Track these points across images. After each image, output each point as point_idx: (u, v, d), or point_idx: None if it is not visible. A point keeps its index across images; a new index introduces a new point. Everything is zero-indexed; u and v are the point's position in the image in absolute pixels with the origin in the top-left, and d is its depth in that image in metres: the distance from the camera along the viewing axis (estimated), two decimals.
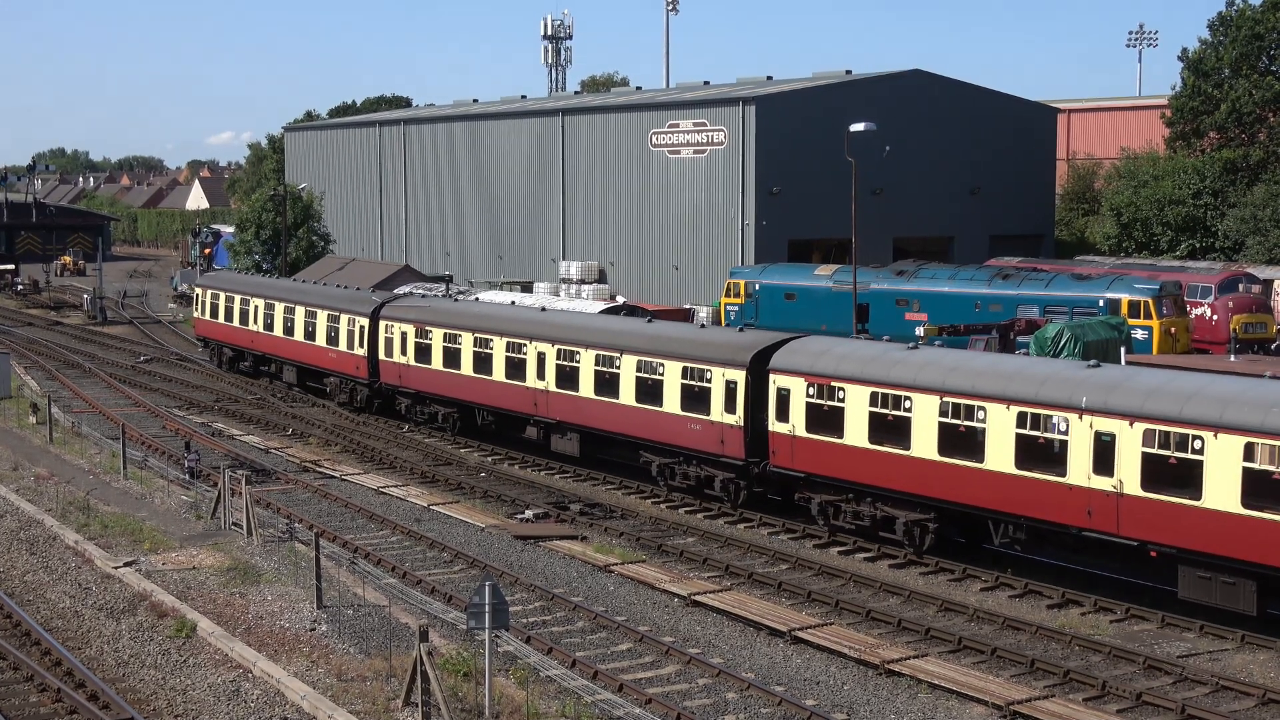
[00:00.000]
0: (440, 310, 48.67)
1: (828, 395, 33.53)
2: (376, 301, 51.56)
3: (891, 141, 68.12)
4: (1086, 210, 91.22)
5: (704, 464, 37.44)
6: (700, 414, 36.77)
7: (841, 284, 57.87)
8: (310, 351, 55.37)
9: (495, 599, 21.91)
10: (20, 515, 35.79)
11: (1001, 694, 23.69)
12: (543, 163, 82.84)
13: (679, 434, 37.55)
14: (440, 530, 35.43)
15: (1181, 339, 51.08)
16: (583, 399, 40.68)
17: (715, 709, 23.42)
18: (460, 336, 45.90)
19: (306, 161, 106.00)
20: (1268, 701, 23.77)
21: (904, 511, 32.39)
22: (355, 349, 51.42)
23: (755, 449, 35.74)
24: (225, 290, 63.59)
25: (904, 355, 33.09)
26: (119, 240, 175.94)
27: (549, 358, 41.91)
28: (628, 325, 41.75)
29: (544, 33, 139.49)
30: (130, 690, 23.94)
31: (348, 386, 53.12)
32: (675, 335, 39.37)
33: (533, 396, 42.62)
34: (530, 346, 42.65)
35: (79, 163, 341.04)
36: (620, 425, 39.63)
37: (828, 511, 34.26)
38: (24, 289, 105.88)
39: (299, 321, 55.97)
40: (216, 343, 64.96)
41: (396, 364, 49.20)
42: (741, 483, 36.70)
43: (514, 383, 43.41)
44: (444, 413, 47.89)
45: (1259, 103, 74.17)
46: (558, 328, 42.77)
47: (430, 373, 47.47)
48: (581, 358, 40.72)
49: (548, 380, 41.94)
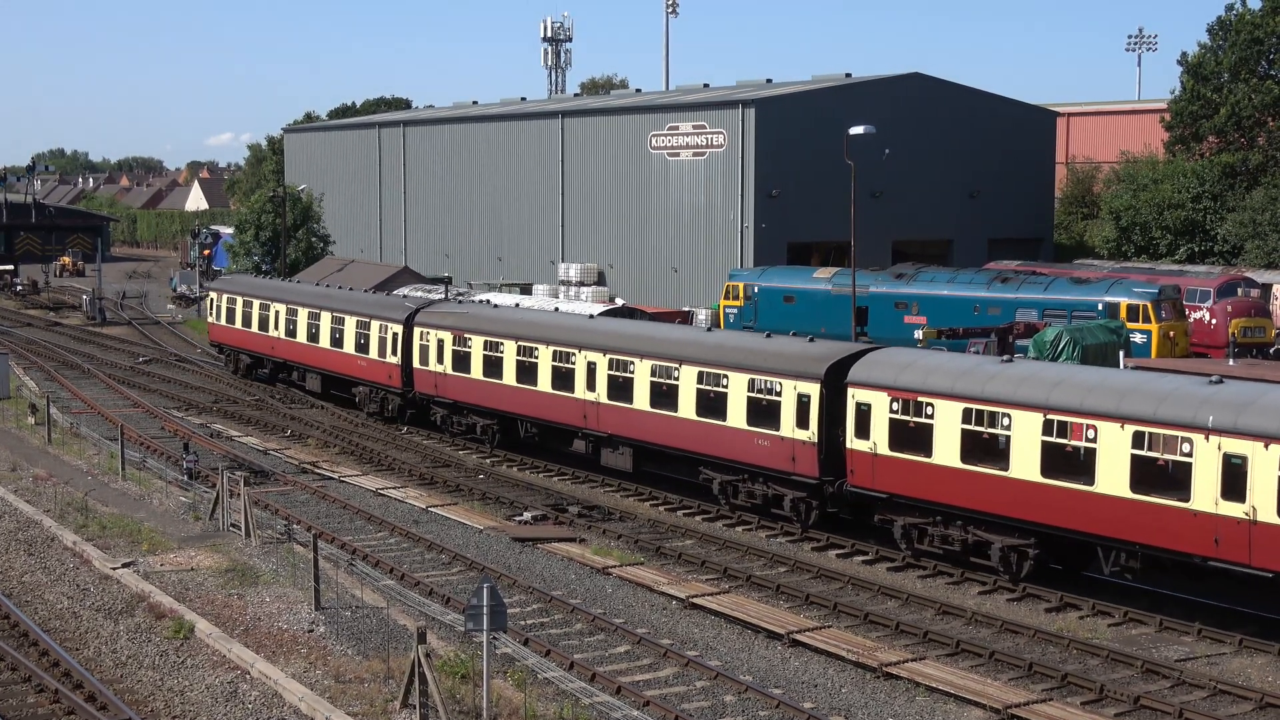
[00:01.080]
0: (480, 317, 46.44)
1: (914, 411, 31.45)
2: (410, 307, 49.41)
3: (891, 144, 68.14)
4: (1085, 214, 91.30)
5: (772, 482, 35.39)
6: (769, 429, 34.77)
7: (840, 287, 57.88)
8: (337, 359, 53.12)
9: (493, 601, 21.90)
10: (18, 516, 35.77)
11: (999, 697, 23.69)
12: (542, 165, 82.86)
13: (744, 450, 35.58)
14: (438, 532, 35.43)
15: (1180, 343, 51.11)
16: (637, 411, 38.72)
17: (713, 711, 23.42)
18: (502, 344, 43.79)
19: (306, 163, 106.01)
20: (1266, 705, 23.76)
21: (1000, 536, 30.28)
22: (388, 357, 49.31)
23: (830, 467, 33.77)
24: (242, 295, 61.08)
25: (1000, 369, 31.07)
26: (118, 241, 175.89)
27: (600, 368, 39.89)
28: (687, 334, 39.73)
29: (544, 35, 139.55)
30: (128, 691, 23.92)
31: (378, 396, 51.07)
32: (740, 345, 37.25)
33: (582, 408, 40.66)
34: (579, 356, 40.68)
35: (78, 163, 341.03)
36: (678, 440, 37.69)
37: (911, 535, 32.21)
38: (23, 289, 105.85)
39: (324, 327, 53.72)
40: (232, 349, 62.64)
41: (432, 373, 47.13)
42: (814, 502, 34.64)
43: (561, 394, 41.35)
44: (483, 424, 45.69)
45: (1258, 107, 74.25)
46: (610, 336, 40.78)
47: (469, 382, 45.43)
48: (636, 368, 38.74)
49: (598, 391, 39.96)
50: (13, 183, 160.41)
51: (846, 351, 34.71)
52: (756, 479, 35.91)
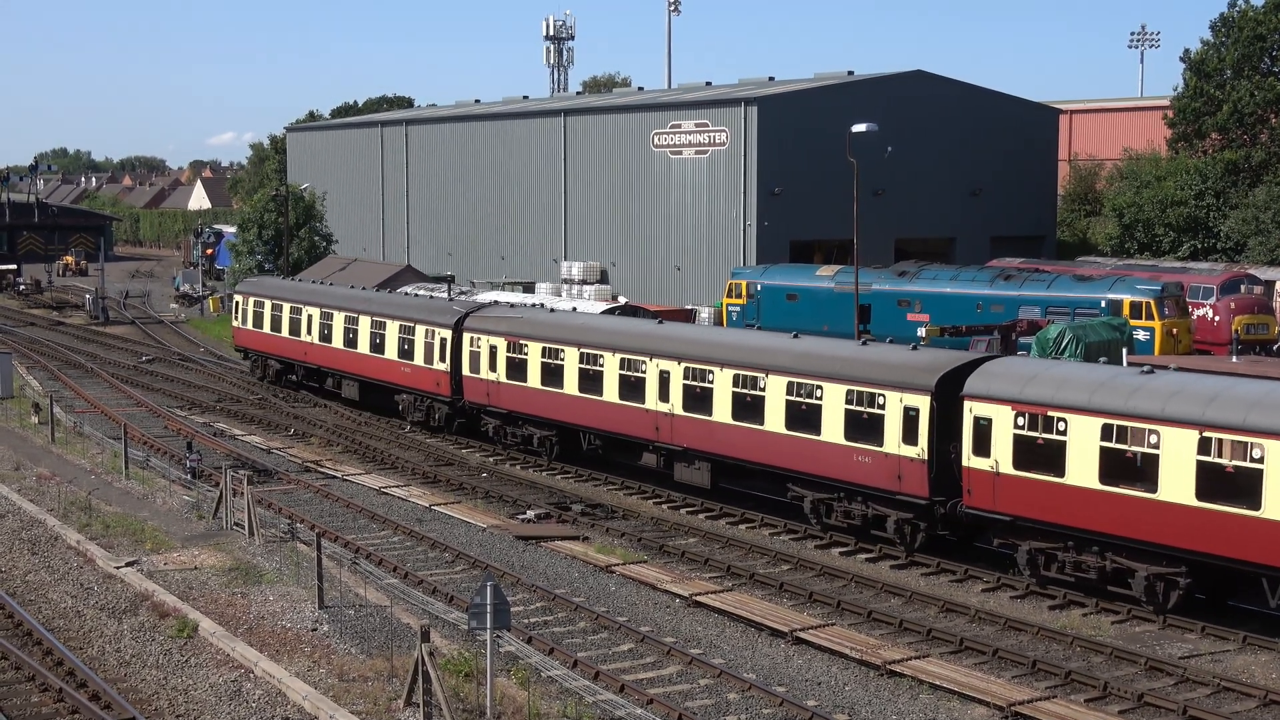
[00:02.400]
0: (537, 322, 43.98)
1: (1043, 426, 28.95)
2: (460, 311, 47.03)
3: (893, 142, 68.15)
4: (1088, 211, 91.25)
5: (873, 501, 32.97)
6: (870, 444, 32.35)
7: (843, 285, 57.88)
8: (377, 365, 50.57)
9: (496, 599, 21.91)
10: (22, 515, 35.81)
11: (1003, 695, 23.69)
12: (544, 163, 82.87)
13: (841, 467, 33.15)
14: (442, 531, 35.45)
15: (1183, 340, 51.10)
16: (716, 424, 36.42)
17: (717, 709, 23.43)
18: (563, 351, 41.49)
19: (308, 162, 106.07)
20: (1269, 703, 23.76)
21: (1144, 564, 27.80)
22: (435, 363, 46.89)
23: (940, 486, 31.34)
24: (271, 298, 58.54)
25: (1144, 381, 28.41)
26: (121, 240, 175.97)
27: (674, 377, 37.62)
28: (774, 342, 36.85)
29: (546, 33, 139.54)
30: (132, 690, 23.95)
31: (424, 404, 48.57)
32: (835, 353, 34.68)
33: (653, 420, 38.33)
34: (651, 364, 38.36)
35: (81, 163, 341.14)
36: (764, 455, 35.32)
37: (1037, 561, 29.76)
38: (26, 289, 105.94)
39: (363, 332, 51.21)
40: (260, 354, 60.05)
41: (484, 380, 44.71)
42: (921, 524, 32.15)
43: (630, 404, 39.06)
44: (540, 435, 43.32)
45: (1261, 104, 74.19)
46: (685, 343, 38.46)
47: (525, 391, 43.05)
48: (716, 377, 36.33)
49: (672, 402, 37.69)
50: (15, 182, 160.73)
51: (958, 361, 32.34)
52: (854, 498, 33.48)
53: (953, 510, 31.35)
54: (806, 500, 34.70)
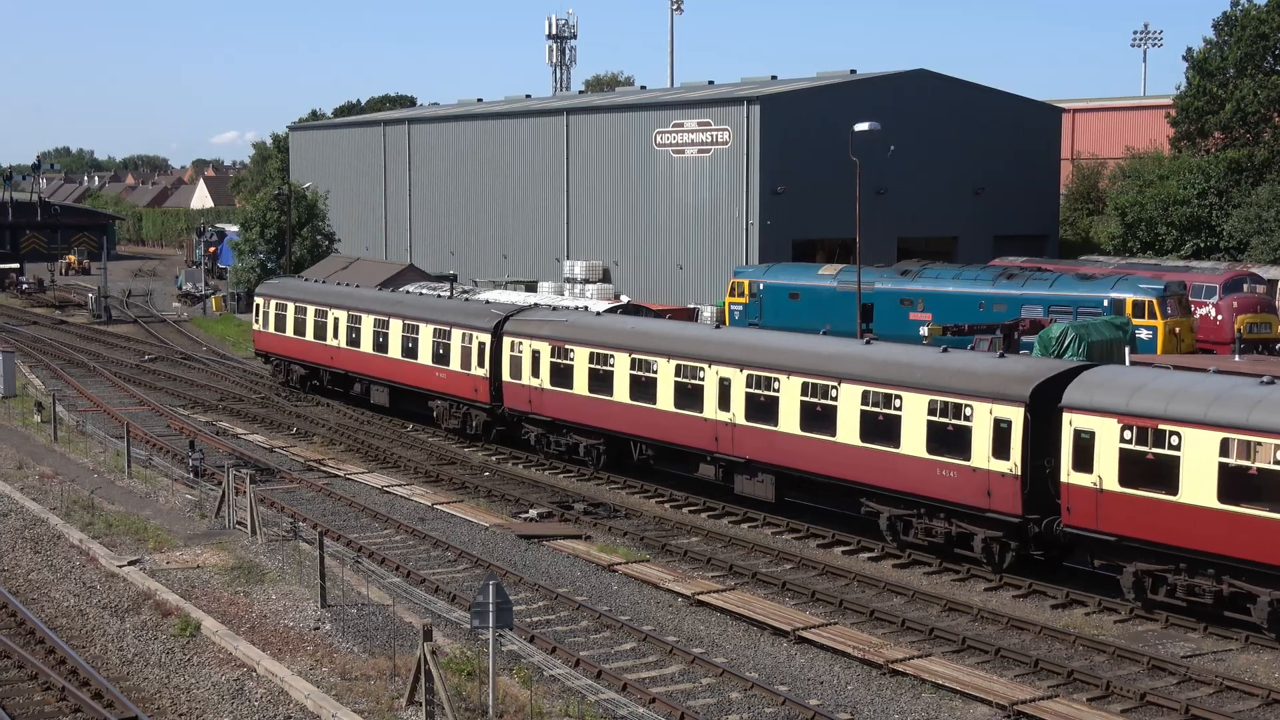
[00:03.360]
0: (584, 326, 42.27)
1: (1154, 441, 27.23)
2: (499, 315, 45.29)
3: (896, 141, 68.14)
4: (1091, 210, 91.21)
5: (958, 518, 31.19)
6: (955, 458, 30.65)
7: (845, 284, 57.87)
8: (410, 370, 48.84)
9: (499, 598, 21.92)
10: (25, 514, 35.84)
11: (1005, 694, 23.68)
12: (547, 162, 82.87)
13: (922, 481, 31.43)
14: (444, 529, 35.46)
15: (1186, 339, 51.07)
16: (782, 434, 34.68)
17: (719, 708, 23.43)
18: (612, 357, 39.77)
19: (311, 161, 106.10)
20: (1272, 702, 23.74)
21: (1267, 589, 26.28)
22: (473, 369, 45.27)
23: (1034, 503, 29.73)
24: (295, 300, 56.66)
25: (1265, 392, 26.68)
26: (123, 239, 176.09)
27: (736, 385, 35.87)
28: (848, 349, 35.11)
29: (549, 32, 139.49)
30: (134, 689, 23.96)
31: (460, 411, 46.82)
32: (916, 361, 32.90)
33: (713, 429, 36.68)
34: (709, 371, 36.65)
35: (84, 162, 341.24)
36: (834, 467, 33.57)
37: (1144, 583, 28.10)
38: (29, 288, 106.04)
39: (394, 336, 49.47)
40: (283, 359, 58.07)
41: (526, 387, 43.04)
42: (1012, 543, 30.38)
43: (686, 413, 37.38)
44: (586, 444, 41.76)
45: (1264, 102, 74.17)
46: (748, 349, 36.64)
47: (571, 398, 41.35)
48: (782, 385, 34.66)
49: (733, 411, 35.98)
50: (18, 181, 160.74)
51: (1053, 370, 30.56)
52: (936, 514, 31.69)
53: (1048, 529, 29.69)
54: (882, 516, 32.88)
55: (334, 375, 54.60)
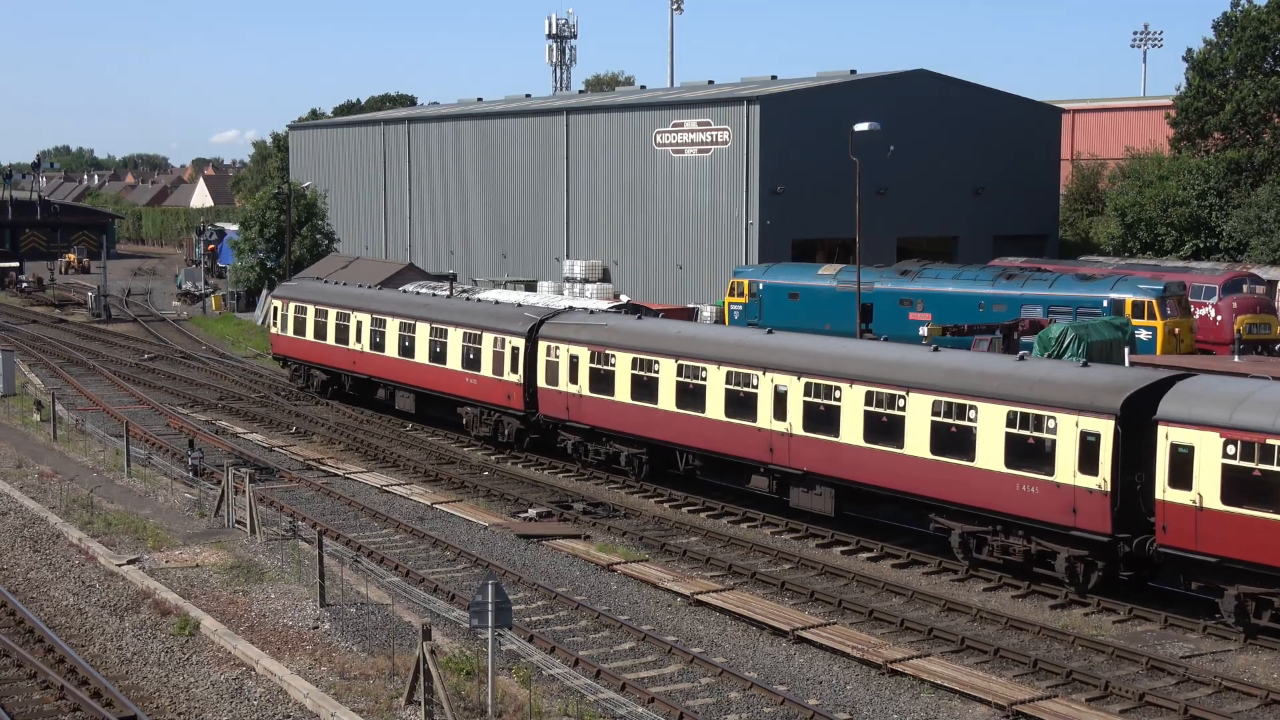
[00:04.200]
0: (627, 331, 40.68)
1: (1260, 456, 25.80)
2: (534, 318, 43.72)
3: (896, 141, 68.10)
4: (1091, 210, 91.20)
5: (1038, 536, 29.68)
6: (1036, 472, 29.15)
7: (845, 284, 57.86)
8: (438, 376, 47.25)
9: (498, 598, 21.93)
10: (24, 513, 35.85)
11: (1004, 694, 23.69)
12: (547, 162, 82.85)
13: (999, 497, 29.90)
14: (443, 529, 35.47)
15: (1185, 340, 51.06)
16: (844, 446, 33.22)
17: (718, 708, 23.44)
18: (657, 363, 38.32)
19: (311, 160, 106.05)
20: (1270, 702, 23.76)
21: None
22: (506, 374, 43.69)
23: (1124, 521, 28.20)
24: (315, 303, 54.77)
25: None
26: (123, 238, 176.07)
27: (793, 393, 34.42)
28: (916, 356, 33.46)
29: (549, 31, 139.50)
30: (133, 688, 23.97)
31: (492, 418, 45.15)
32: (991, 369, 31.40)
33: (767, 440, 35.14)
34: (764, 378, 35.20)
35: (84, 160, 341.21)
36: (901, 480, 32.09)
37: (1247, 607, 26.66)
38: (28, 287, 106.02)
39: (421, 340, 47.93)
40: (303, 364, 56.21)
41: (564, 394, 41.46)
42: (1099, 563, 28.87)
43: (738, 422, 35.90)
44: (629, 454, 40.20)
45: (1263, 103, 74.15)
46: (806, 356, 35.03)
47: (612, 405, 39.82)
48: (844, 394, 33.17)
49: (790, 420, 34.51)
50: (18, 180, 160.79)
51: (1146, 380, 29.00)
52: (1014, 531, 30.19)
53: (1139, 548, 28.22)
54: (954, 533, 31.43)
55: (356, 381, 53.06)
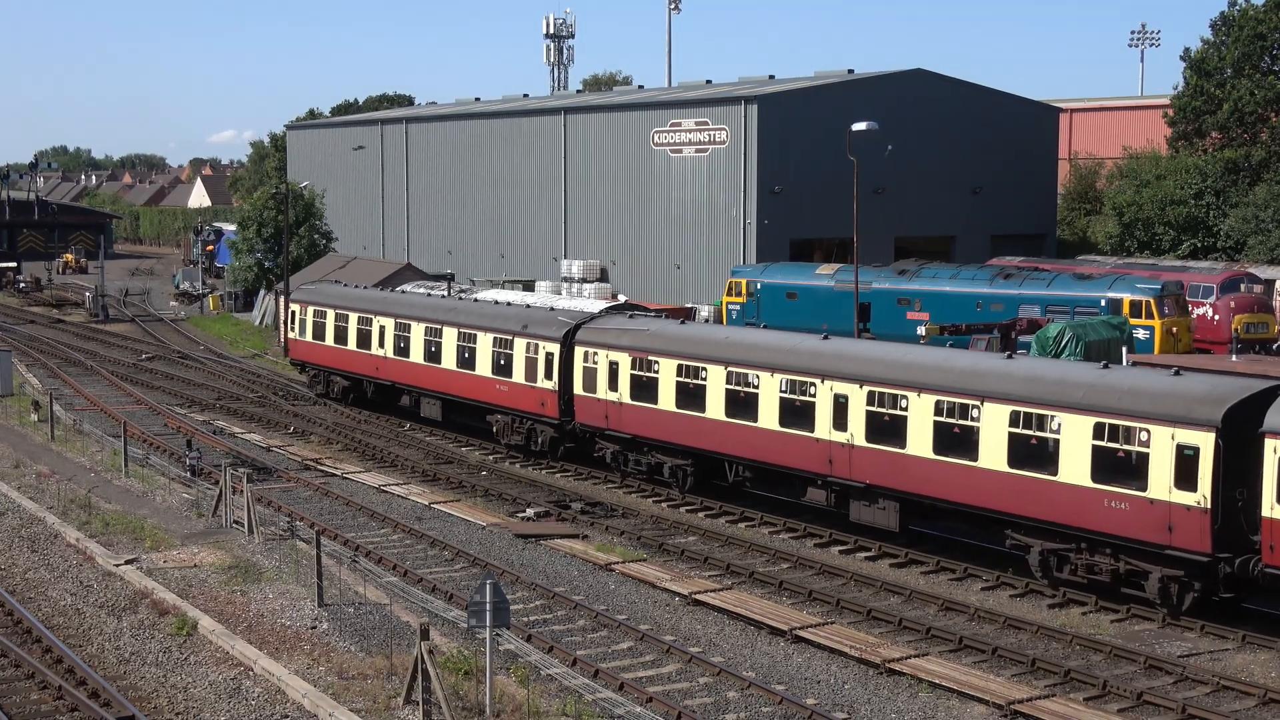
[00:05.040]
0: (672, 336, 39.18)
1: None
2: (569, 323, 42.30)
3: (893, 141, 68.08)
4: (1088, 210, 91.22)
5: (1128, 555, 28.13)
6: (1126, 487, 27.57)
7: (843, 283, 57.87)
8: (466, 382, 45.90)
9: (496, 597, 21.92)
10: (22, 513, 35.83)
11: (1002, 693, 23.69)
12: (544, 161, 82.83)
13: (1085, 513, 28.38)
14: (441, 529, 35.46)
15: (1183, 339, 51.08)
16: (911, 458, 31.66)
17: (716, 708, 23.43)
18: (705, 370, 36.85)
19: (308, 160, 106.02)
20: (1268, 701, 23.77)
21: None
22: (540, 381, 42.36)
23: (1224, 540, 26.65)
24: (335, 307, 53.29)
25: None
26: (121, 238, 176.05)
27: (855, 402, 32.91)
28: (991, 364, 31.89)
29: (546, 31, 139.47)
30: (131, 688, 23.96)
31: (524, 426, 43.77)
32: (1076, 379, 29.48)
33: (826, 451, 33.64)
34: (822, 387, 33.67)
35: (81, 160, 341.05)
36: (975, 495, 30.44)
37: None
38: (26, 287, 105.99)
39: (448, 345, 46.62)
40: (322, 369, 54.76)
41: (602, 401, 40.10)
42: (1195, 584, 27.38)
43: (794, 432, 34.41)
44: (672, 464, 38.75)
45: (1261, 102, 74.15)
46: (868, 363, 33.58)
47: (655, 413, 38.36)
48: (911, 404, 31.61)
49: (851, 431, 33.00)
50: (16, 180, 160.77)
51: (1248, 390, 27.10)
52: (1100, 549, 28.64)
53: (1242, 568, 26.68)
54: (1033, 550, 29.83)
55: (379, 387, 51.74)
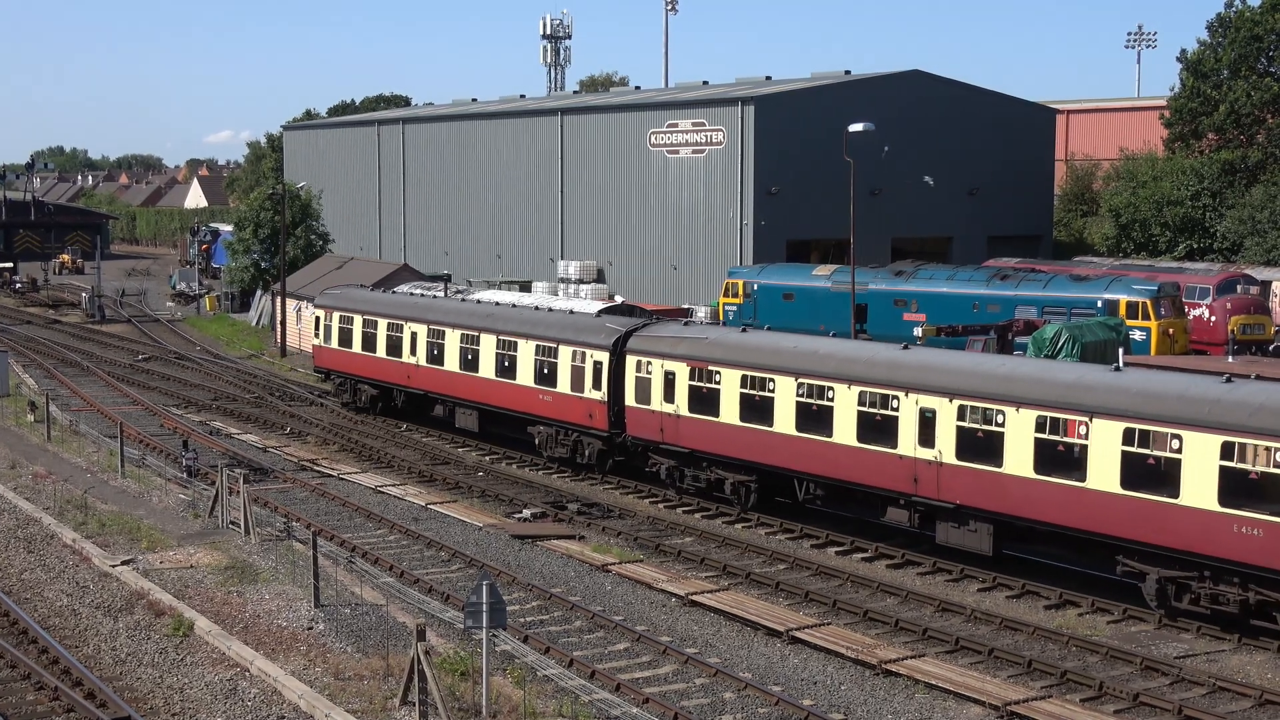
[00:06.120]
0: (734, 345, 37.20)
1: None
2: (618, 330, 40.48)
3: (890, 142, 68.10)
4: (1085, 211, 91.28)
5: (1259, 585, 26.43)
6: (1259, 512, 25.86)
7: (840, 284, 57.88)
8: (505, 392, 44.15)
9: (493, 598, 21.92)
10: (18, 513, 35.80)
11: (999, 694, 23.70)
12: (541, 162, 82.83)
13: (1211, 539, 26.54)
14: (438, 529, 35.45)
15: (1179, 340, 51.10)
16: (1009, 477, 29.71)
17: (712, 708, 23.43)
18: (772, 381, 34.97)
19: (305, 160, 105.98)
20: (1265, 702, 23.79)
21: None
22: (587, 391, 40.65)
23: None
24: (364, 313, 51.55)
25: None
26: (117, 239, 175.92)
27: (942, 416, 30.98)
28: (1098, 377, 29.58)
29: (543, 32, 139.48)
30: (127, 689, 23.94)
31: (569, 439, 42.07)
32: (1199, 394, 27.38)
33: (910, 469, 31.71)
34: (906, 400, 31.76)
35: (78, 161, 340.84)
36: (1083, 519, 28.52)
37: None
38: (22, 287, 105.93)
39: (486, 353, 44.91)
40: (350, 377, 52.83)
41: (657, 413, 38.28)
42: None
43: (873, 448, 32.51)
44: (734, 480, 36.92)
45: (1257, 104, 74.21)
46: (958, 375, 31.49)
47: (716, 427, 36.55)
48: (1009, 419, 29.66)
49: (939, 448, 31.11)
50: (12, 180, 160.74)
51: None
52: (1225, 578, 26.89)
53: None
54: (1149, 578, 27.97)
55: (410, 396, 50.06)
